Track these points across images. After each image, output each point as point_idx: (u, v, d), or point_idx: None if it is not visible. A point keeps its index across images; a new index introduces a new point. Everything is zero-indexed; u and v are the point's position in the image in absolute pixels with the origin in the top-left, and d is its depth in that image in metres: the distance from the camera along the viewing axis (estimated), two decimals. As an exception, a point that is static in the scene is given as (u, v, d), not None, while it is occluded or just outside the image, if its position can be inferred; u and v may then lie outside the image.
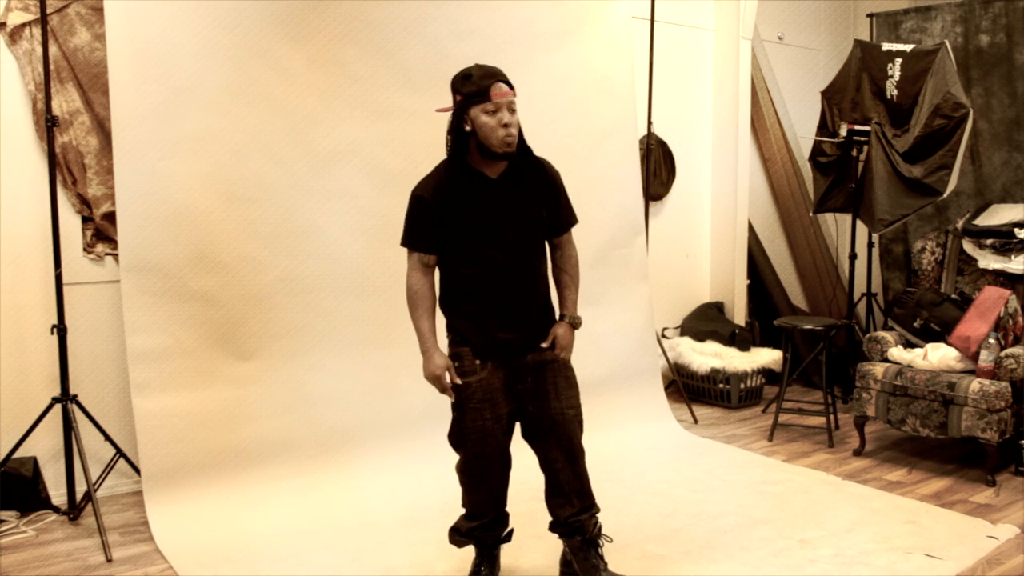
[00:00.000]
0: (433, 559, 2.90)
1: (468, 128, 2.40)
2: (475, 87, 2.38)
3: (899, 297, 4.50)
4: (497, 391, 2.50)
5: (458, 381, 2.49)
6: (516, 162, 2.49)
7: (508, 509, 2.71)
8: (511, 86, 2.43)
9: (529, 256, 2.54)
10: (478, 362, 2.50)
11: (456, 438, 2.56)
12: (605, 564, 2.61)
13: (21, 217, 3.35)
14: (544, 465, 2.59)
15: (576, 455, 2.56)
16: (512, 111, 2.41)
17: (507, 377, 2.52)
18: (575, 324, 2.60)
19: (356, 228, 3.73)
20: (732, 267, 5.49)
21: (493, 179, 2.49)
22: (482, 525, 2.65)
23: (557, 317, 2.64)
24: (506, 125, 2.38)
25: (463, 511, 2.68)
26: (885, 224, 4.70)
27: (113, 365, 3.54)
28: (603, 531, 2.67)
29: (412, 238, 2.50)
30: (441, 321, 2.59)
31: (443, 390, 2.49)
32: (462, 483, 2.63)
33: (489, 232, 2.47)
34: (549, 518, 2.65)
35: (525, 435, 2.60)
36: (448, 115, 2.49)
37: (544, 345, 2.55)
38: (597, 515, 2.64)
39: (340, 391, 3.68)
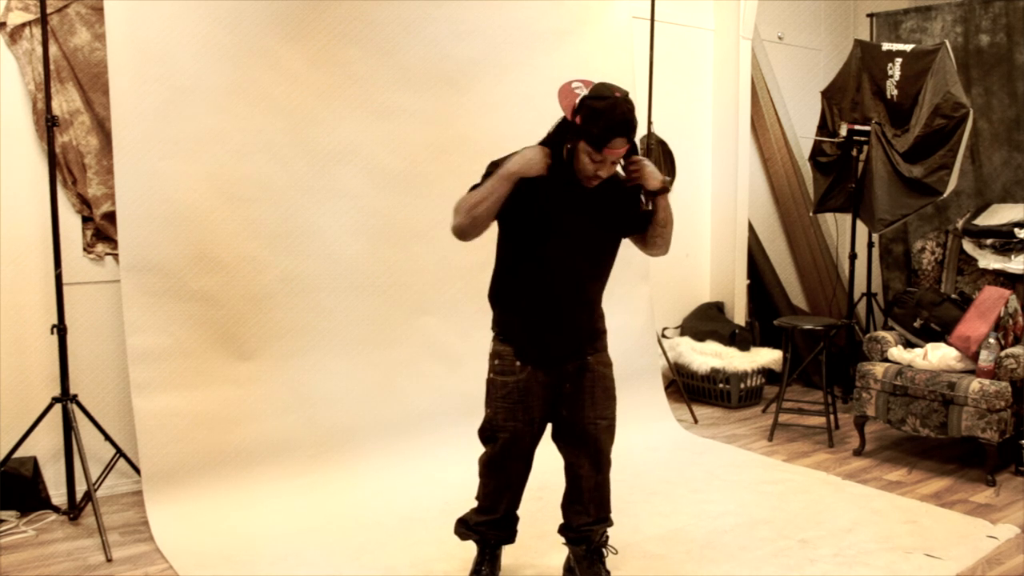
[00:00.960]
0: (433, 559, 2.90)
1: (569, 146, 2.34)
2: (596, 133, 2.24)
3: (899, 297, 4.50)
4: (534, 394, 2.49)
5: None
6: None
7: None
8: (632, 139, 2.31)
9: (591, 264, 2.50)
10: (518, 363, 2.48)
11: (487, 433, 2.55)
12: (608, 573, 2.61)
13: (21, 217, 3.35)
14: (568, 470, 2.59)
15: (602, 465, 2.57)
16: (614, 163, 2.33)
17: (546, 380, 2.50)
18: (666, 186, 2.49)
19: (356, 228, 3.73)
20: (732, 267, 5.49)
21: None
22: (491, 521, 2.64)
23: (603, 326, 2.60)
24: (599, 175, 2.33)
25: (476, 503, 2.68)
26: (885, 224, 4.70)
27: (113, 365, 3.54)
28: (609, 541, 2.67)
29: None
30: (486, 313, 2.58)
31: (545, 162, 2.33)
32: (481, 475, 2.63)
33: (559, 229, 2.40)
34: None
35: (555, 437, 2.60)
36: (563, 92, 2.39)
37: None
38: (608, 527, 2.64)
39: (340, 391, 3.68)
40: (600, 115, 2.23)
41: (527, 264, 2.45)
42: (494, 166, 2.39)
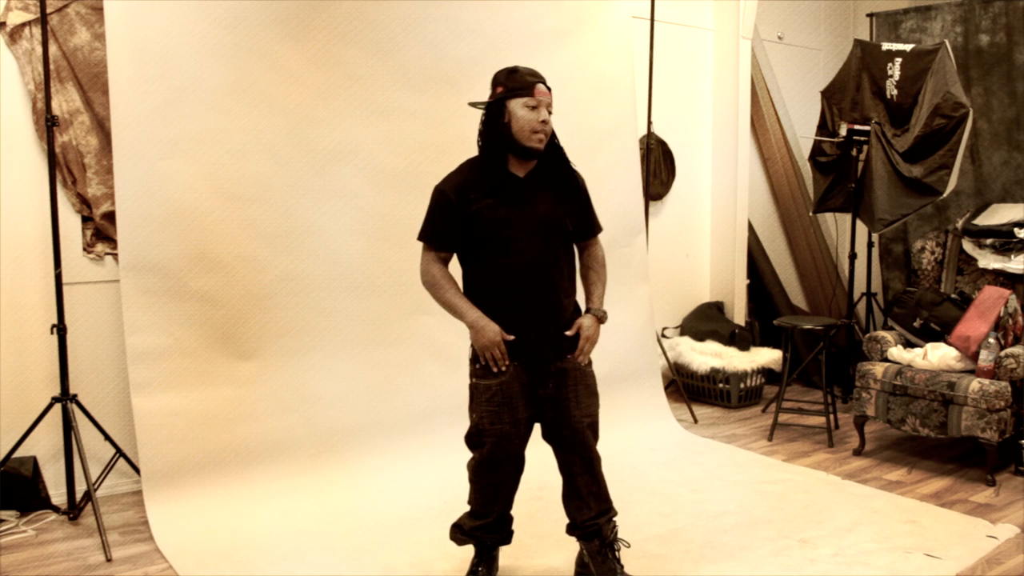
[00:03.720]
0: (433, 559, 2.91)
1: (505, 120, 2.43)
2: (521, 82, 2.44)
3: (899, 297, 4.50)
4: (517, 394, 2.50)
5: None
6: (545, 164, 2.51)
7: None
8: (547, 85, 2.50)
9: (551, 259, 2.52)
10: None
11: (473, 439, 2.56)
12: (622, 566, 2.63)
13: (21, 217, 3.35)
14: (562, 468, 2.61)
15: (592, 461, 2.58)
16: (549, 112, 2.47)
17: (529, 381, 2.52)
18: (600, 318, 2.59)
19: (356, 228, 3.73)
20: (732, 267, 5.49)
21: (520, 178, 2.50)
22: (485, 525, 2.65)
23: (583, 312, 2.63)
24: (543, 122, 2.43)
25: (468, 508, 2.69)
26: (885, 224, 4.70)
27: (113, 365, 3.54)
28: (619, 535, 2.68)
29: (430, 235, 2.54)
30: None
31: (498, 358, 2.45)
32: (471, 481, 2.64)
33: (512, 232, 2.46)
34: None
35: (545, 437, 2.61)
36: (479, 112, 2.54)
37: (568, 333, 2.53)
38: (614, 519, 2.65)
39: (340, 391, 3.68)
40: (514, 70, 2.48)
41: (492, 267, 2.49)
42: (438, 191, 2.51)
